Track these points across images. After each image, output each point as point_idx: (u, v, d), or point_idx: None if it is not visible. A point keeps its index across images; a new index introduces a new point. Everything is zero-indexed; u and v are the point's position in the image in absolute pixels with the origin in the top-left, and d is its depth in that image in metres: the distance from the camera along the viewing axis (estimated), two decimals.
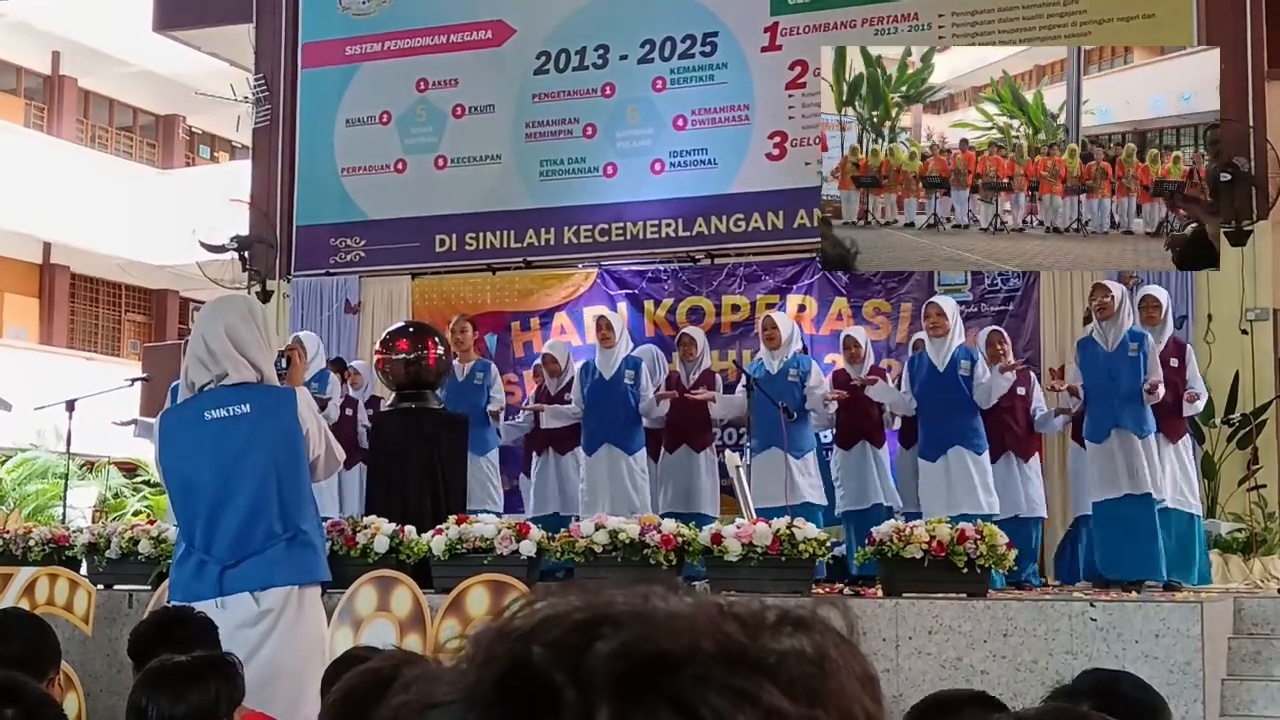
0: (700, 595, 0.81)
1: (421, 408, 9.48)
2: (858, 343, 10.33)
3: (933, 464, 9.50)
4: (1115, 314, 9.14)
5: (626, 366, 10.40)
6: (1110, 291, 9.21)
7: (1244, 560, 9.77)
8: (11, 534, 9.57)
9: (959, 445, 9.40)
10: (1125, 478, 8.89)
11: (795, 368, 9.98)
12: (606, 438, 10.31)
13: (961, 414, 9.46)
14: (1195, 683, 6.57)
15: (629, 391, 10.34)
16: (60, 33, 22.85)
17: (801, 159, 11.83)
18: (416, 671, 0.84)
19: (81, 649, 7.93)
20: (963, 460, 9.38)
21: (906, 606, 7.09)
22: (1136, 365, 8.97)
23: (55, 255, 23.77)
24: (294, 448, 5.22)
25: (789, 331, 10.22)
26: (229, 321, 5.33)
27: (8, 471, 18.63)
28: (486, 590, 7.25)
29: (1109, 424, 9.01)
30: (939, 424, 9.52)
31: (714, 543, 7.67)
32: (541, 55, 12.99)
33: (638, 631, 0.77)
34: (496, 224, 12.98)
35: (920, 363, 9.69)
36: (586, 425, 10.44)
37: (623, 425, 10.30)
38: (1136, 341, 9.03)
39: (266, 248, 13.63)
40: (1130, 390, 8.94)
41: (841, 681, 0.79)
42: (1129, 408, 8.94)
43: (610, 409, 10.32)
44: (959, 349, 9.59)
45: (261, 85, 13.97)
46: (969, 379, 9.47)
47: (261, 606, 5.12)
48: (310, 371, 9.91)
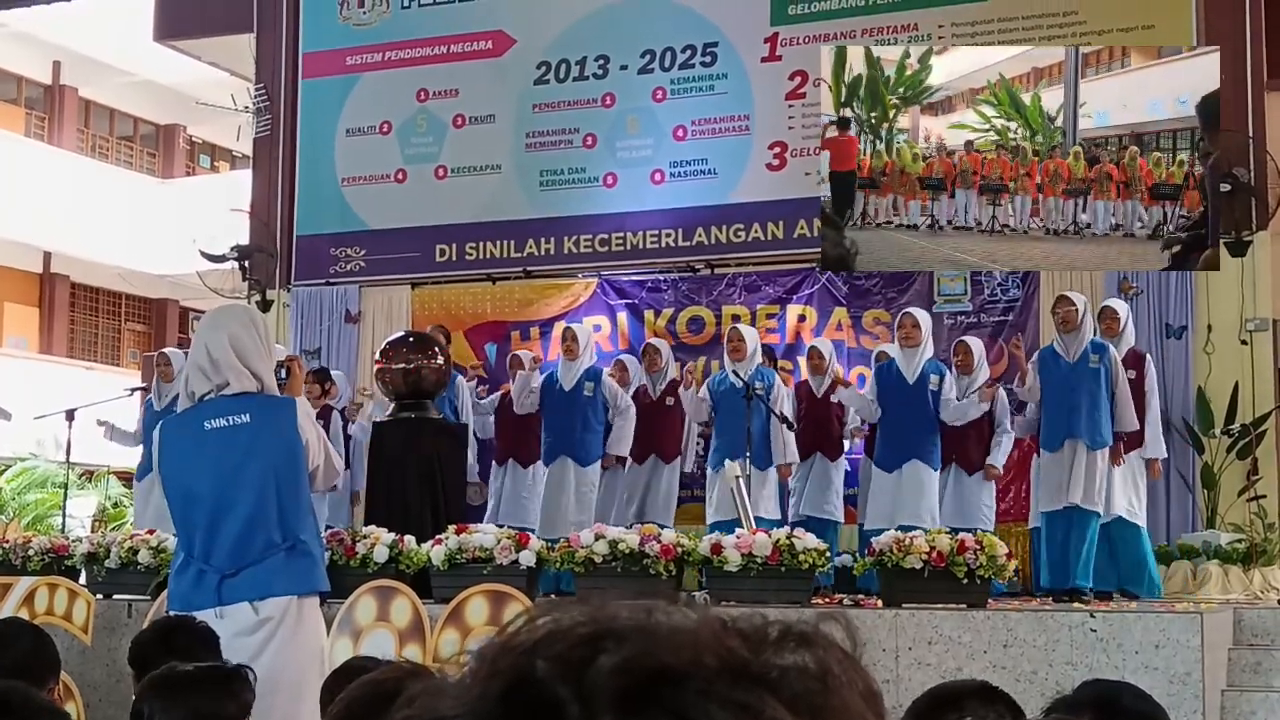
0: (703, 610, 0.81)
1: (421, 417, 9.48)
2: (821, 354, 10.43)
3: (887, 474, 9.59)
4: (1077, 326, 9.17)
5: (587, 379, 10.49)
6: (1073, 303, 9.26)
7: (1244, 571, 9.75)
8: (11, 543, 9.57)
9: (916, 459, 9.48)
10: (1073, 489, 8.93)
11: (760, 380, 10.00)
12: (562, 449, 10.42)
13: (924, 428, 9.53)
14: (1195, 693, 6.56)
15: (587, 404, 10.41)
16: (61, 42, 22.87)
17: (801, 169, 11.83)
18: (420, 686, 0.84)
19: (81, 659, 7.92)
20: (917, 474, 9.48)
21: (906, 617, 7.08)
22: (1098, 376, 9.02)
23: (55, 264, 23.77)
24: (294, 457, 5.22)
25: (753, 345, 10.27)
26: (232, 330, 5.33)
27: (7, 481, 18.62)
28: (486, 600, 7.24)
29: (1063, 434, 9.07)
30: (901, 435, 9.59)
31: (714, 553, 7.68)
32: (542, 65, 13.00)
33: (641, 646, 0.77)
34: (496, 234, 12.97)
35: (888, 371, 9.75)
36: (545, 436, 10.50)
37: (579, 437, 10.39)
38: (1098, 353, 9.09)
39: (267, 257, 13.63)
40: (1090, 402, 8.98)
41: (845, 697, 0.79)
42: (1086, 419, 8.98)
43: (567, 420, 10.41)
44: (929, 363, 9.67)
45: (262, 95, 13.98)
46: (937, 394, 9.52)
47: (260, 616, 5.12)
48: None
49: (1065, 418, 9.05)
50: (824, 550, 7.70)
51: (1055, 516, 9.05)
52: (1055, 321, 9.38)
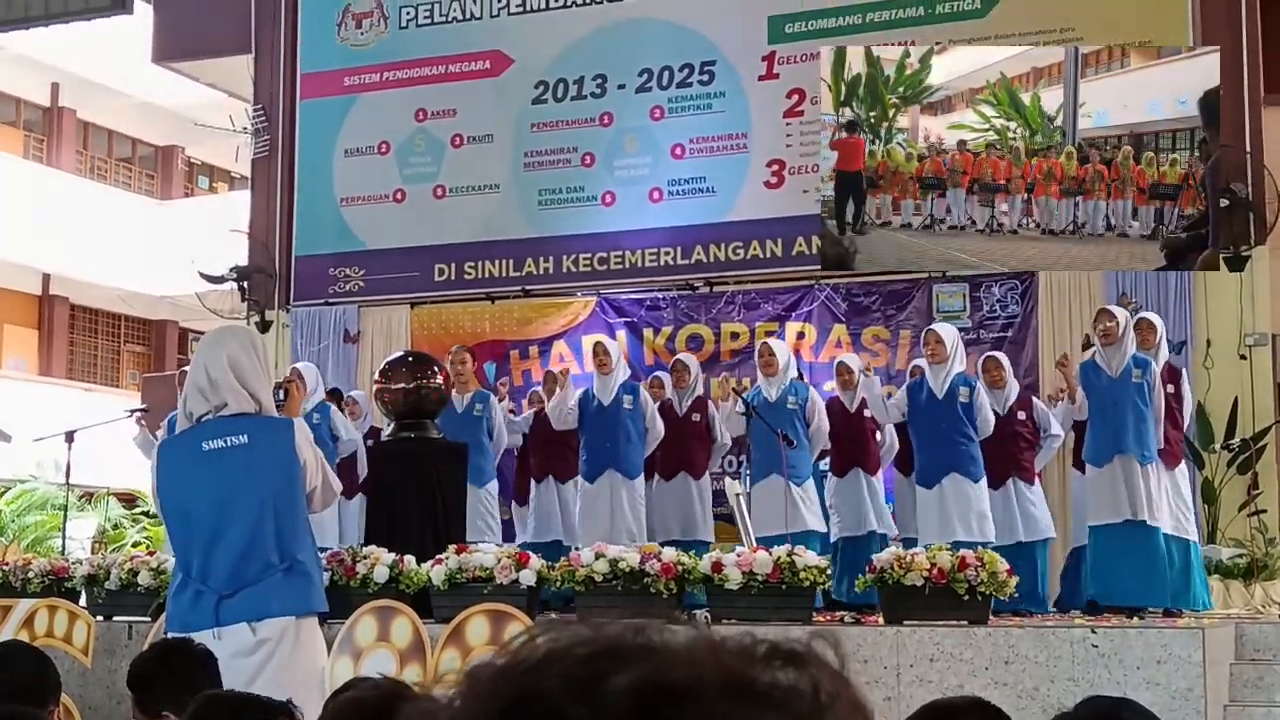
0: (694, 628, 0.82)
1: (421, 437, 9.47)
2: (850, 369, 10.34)
3: (929, 491, 9.50)
4: (1119, 340, 9.14)
5: (624, 392, 10.41)
6: (1115, 317, 9.21)
7: (1245, 585, 9.75)
8: (11, 566, 9.55)
9: (955, 472, 9.40)
10: (1126, 504, 8.88)
11: (794, 395, 9.98)
12: (606, 464, 10.32)
13: (959, 441, 9.46)
14: (1197, 709, 6.55)
15: (628, 417, 10.34)
16: (59, 64, 22.89)
17: (800, 187, 11.85)
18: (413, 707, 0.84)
19: (81, 681, 7.91)
20: (959, 488, 9.37)
21: (907, 634, 7.07)
22: (1142, 391, 8.97)
23: (54, 286, 23.78)
24: (291, 478, 5.21)
25: (786, 359, 10.24)
26: (231, 351, 5.32)
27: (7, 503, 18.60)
28: (487, 620, 7.23)
29: (1112, 449, 9.00)
30: (936, 451, 9.52)
31: (714, 571, 7.67)
32: (540, 85, 13.02)
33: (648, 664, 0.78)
34: (495, 253, 12.99)
35: (920, 388, 9.70)
36: (587, 452, 10.44)
37: (623, 451, 10.31)
38: (1141, 368, 9.03)
39: (265, 278, 13.64)
40: (1137, 416, 8.94)
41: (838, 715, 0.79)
42: (1134, 434, 8.93)
43: (609, 435, 10.32)
44: (958, 376, 9.58)
45: (260, 116, 14.00)
46: (969, 406, 9.47)
47: (258, 636, 5.10)
48: (311, 402, 9.91)
49: (1113, 433, 9.00)
50: (824, 568, 7.69)
51: (1107, 532, 8.99)
52: (1096, 334, 9.36)
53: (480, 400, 10.68)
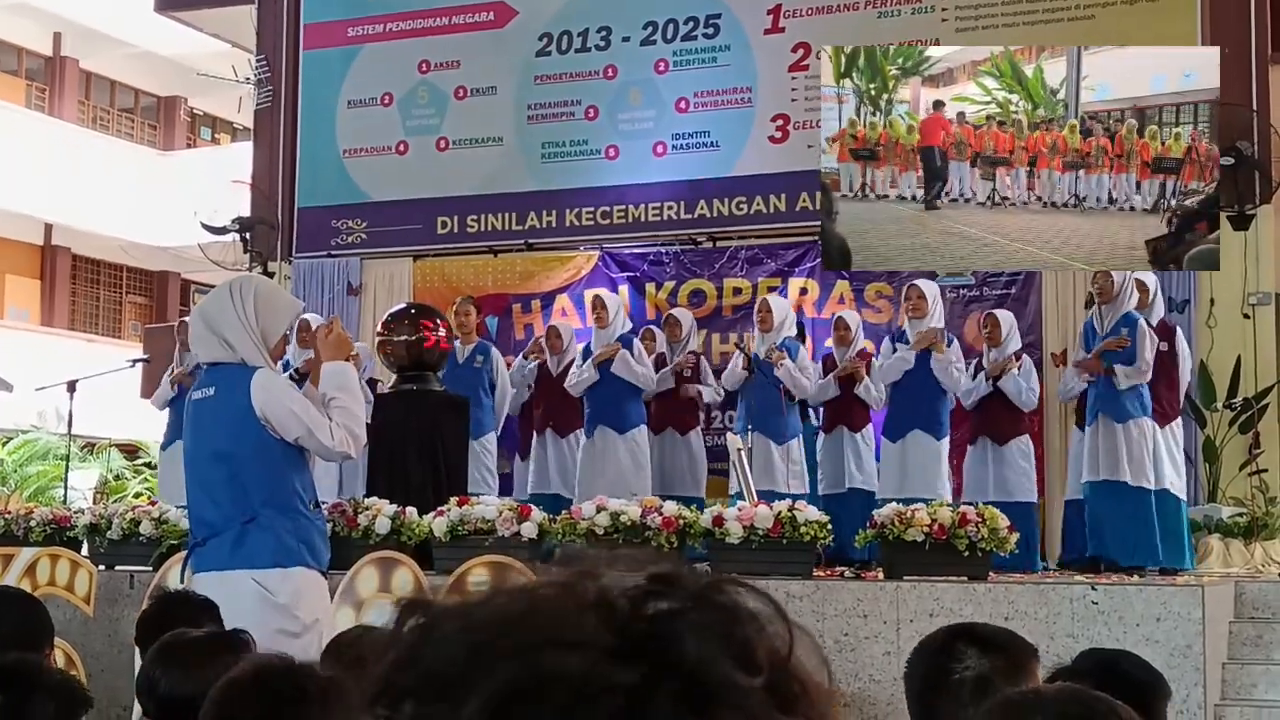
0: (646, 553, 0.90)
1: (423, 389, 9.47)
2: (847, 325, 10.36)
3: (893, 444, 9.64)
4: (1114, 298, 9.19)
5: (622, 346, 10.41)
6: (1111, 275, 9.24)
7: (1245, 545, 9.77)
8: (13, 515, 9.58)
9: (919, 429, 9.47)
10: (1113, 462, 8.94)
11: (782, 351, 9.97)
12: (602, 419, 10.33)
13: (927, 398, 9.53)
14: (1196, 666, 6.57)
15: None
16: (61, 13, 22.82)
17: (804, 142, 11.79)
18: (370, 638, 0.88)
19: (83, 629, 7.95)
20: (920, 444, 9.45)
21: (907, 589, 7.09)
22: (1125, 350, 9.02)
23: (56, 237, 23.77)
24: (246, 431, 5.06)
25: (782, 316, 10.23)
26: (210, 299, 5.36)
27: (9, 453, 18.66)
28: (488, 572, 7.25)
29: (1096, 409, 9.09)
30: (905, 405, 9.63)
31: (715, 525, 7.68)
32: (543, 37, 12.95)
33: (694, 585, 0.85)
34: (498, 206, 12.95)
35: (900, 340, 9.80)
36: (587, 406, 10.45)
37: (618, 405, 10.31)
38: (1128, 326, 9.07)
39: (268, 229, 13.61)
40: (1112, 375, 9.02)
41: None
42: (1107, 392, 8.99)
43: (606, 389, 10.33)
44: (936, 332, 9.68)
45: (263, 66, 13.94)
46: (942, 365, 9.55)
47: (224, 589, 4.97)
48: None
49: (1098, 392, 9.08)
50: (825, 523, 7.70)
51: (1098, 489, 9.05)
52: (1094, 291, 9.41)
53: (481, 352, 10.68)
